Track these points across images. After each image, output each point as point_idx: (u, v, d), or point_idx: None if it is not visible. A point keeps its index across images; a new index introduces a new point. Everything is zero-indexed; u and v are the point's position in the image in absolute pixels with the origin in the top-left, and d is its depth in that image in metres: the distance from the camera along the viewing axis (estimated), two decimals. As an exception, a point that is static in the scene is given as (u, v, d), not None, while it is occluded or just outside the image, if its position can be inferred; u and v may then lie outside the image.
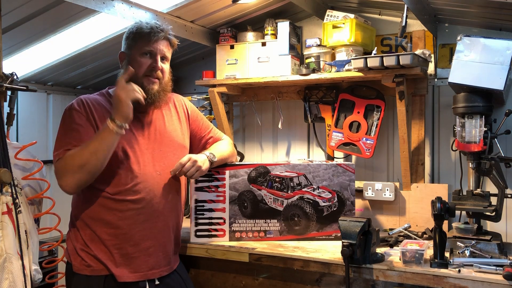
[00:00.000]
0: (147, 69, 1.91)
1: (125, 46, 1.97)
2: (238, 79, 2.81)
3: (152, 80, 1.93)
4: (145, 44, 1.91)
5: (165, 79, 1.98)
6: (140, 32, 1.92)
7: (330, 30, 2.61)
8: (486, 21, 2.45)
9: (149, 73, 1.92)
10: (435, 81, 2.64)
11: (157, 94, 1.94)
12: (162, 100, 1.98)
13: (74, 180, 1.78)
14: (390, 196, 2.54)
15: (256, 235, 2.28)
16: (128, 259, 1.87)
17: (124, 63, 1.95)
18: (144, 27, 1.93)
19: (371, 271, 1.90)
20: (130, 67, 1.87)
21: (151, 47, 1.91)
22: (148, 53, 1.91)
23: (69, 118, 1.87)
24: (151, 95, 1.92)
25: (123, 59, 1.97)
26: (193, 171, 1.96)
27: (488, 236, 2.06)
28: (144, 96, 1.87)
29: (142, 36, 1.91)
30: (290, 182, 2.29)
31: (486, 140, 2.06)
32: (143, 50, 1.91)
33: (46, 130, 3.17)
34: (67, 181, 1.78)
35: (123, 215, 1.87)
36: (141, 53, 1.91)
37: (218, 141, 2.24)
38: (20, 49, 2.59)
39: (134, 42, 1.93)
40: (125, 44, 1.97)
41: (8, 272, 1.70)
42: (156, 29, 1.92)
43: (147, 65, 1.91)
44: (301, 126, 3.03)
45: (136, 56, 1.92)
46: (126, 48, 1.96)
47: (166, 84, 1.99)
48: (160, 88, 1.95)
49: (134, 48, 1.93)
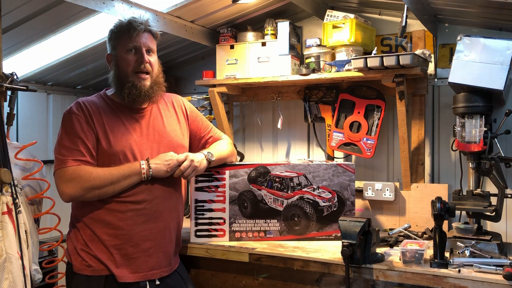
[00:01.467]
0: (134, 64, 1.92)
1: (109, 47, 2.00)
2: (238, 79, 2.81)
3: (142, 76, 1.93)
4: (128, 40, 1.92)
5: (155, 71, 1.98)
6: (120, 30, 1.94)
7: (330, 30, 2.61)
8: (486, 21, 2.45)
9: (138, 68, 1.92)
10: (435, 81, 2.64)
11: (151, 90, 1.96)
12: (157, 94, 1.99)
13: (78, 194, 1.81)
14: (390, 196, 2.54)
15: (256, 235, 2.28)
16: (128, 259, 1.87)
17: (112, 64, 1.97)
18: (123, 24, 1.94)
19: (371, 271, 1.90)
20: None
21: (134, 42, 1.92)
22: (132, 49, 1.92)
23: (69, 122, 1.88)
24: (144, 91, 1.93)
25: (110, 60, 1.98)
26: (189, 171, 1.96)
27: (488, 236, 2.05)
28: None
29: (123, 33, 1.93)
30: (290, 182, 2.29)
31: (486, 140, 2.06)
32: (127, 47, 1.92)
33: (46, 130, 3.17)
34: (70, 191, 1.80)
35: (124, 216, 1.87)
36: (125, 50, 1.92)
37: (217, 140, 2.24)
38: (20, 49, 2.59)
39: (117, 41, 1.94)
40: (109, 45, 1.99)
41: (8, 272, 1.70)
42: (135, 23, 1.92)
43: (134, 60, 1.92)
44: (301, 126, 3.03)
45: (121, 54, 1.93)
46: (111, 49, 1.98)
47: (157, 76, 1.99)
48: (152, 82, 1.96)
49: (118, 47, 1.94)
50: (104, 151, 1.86)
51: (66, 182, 1.80)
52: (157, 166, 1.88)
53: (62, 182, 1.81)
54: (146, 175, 1.86)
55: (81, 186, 1.79)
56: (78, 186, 1.79)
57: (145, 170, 1.86)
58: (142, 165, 1.86)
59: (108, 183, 1.81)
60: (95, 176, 1.80)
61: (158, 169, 1.88)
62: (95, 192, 1.81)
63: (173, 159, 1.91)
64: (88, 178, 1.79)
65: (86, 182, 1.79)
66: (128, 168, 1.85)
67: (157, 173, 1.88)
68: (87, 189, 1.80)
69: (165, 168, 1.89)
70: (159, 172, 1.89)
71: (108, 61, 2.00)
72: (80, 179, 1.79)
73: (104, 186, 1.81)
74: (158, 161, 1.90)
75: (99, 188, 1.81)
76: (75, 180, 1.79)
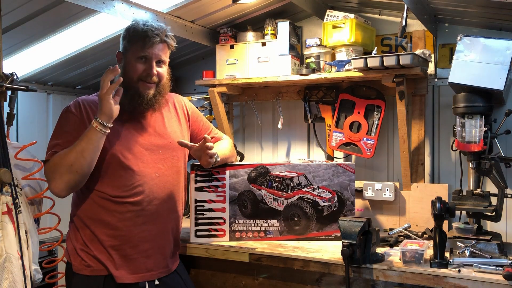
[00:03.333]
0: (142, 73, 1.89)
1: (122, 46, 1.94)
2: (238, 79, 2.81)
3: (147, 85, 1.90)
4: (140, 49, 1.87)
5: (162, 82, 1.95)
6: (136, 35, 1.88)
7: (330, 30, 2.61)
8: (486, 21, 2.45)
9: (144, 78, 1.90)
10: (435, 81, 2.64)
11: (153, 99, 1.93)
12: (159, 103, 1.97)
13: (63, 182, 1.77)
14: (390, 196, 2.54)
15: (256, 235, 2.28)
16: (127, 260, 1.87)
17: (121, 65, 1.92)
18: (139, 29, 1.87)
19: (371, 271, 1.90)
20: (117, 66, 1.80)
21: (146, 52, 1.87)
22: (143, 58, 1.88)
23: (64, 121, 1.88)
24: (147, 100, 1.90)
25: (120, 59, 1.95)
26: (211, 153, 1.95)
27: (488, 236, 2.06)
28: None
29: (137, 39, 1.87)
30: (290, 182, 2.29)
31: (486, 140, 2.06)
32: (138, 54, 1.88)
33: (46, 130, 3.17)
34: (56, 184, 1.77)
35: (123, 216, 1.86)
36: (136, 57, 1.88)
37: (219, 140, 2.24)
38: (20, 49, 2.59)
39: (129, 45, 1.90)
40: (122, 44, 1.94)
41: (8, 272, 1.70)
42: (152, 33, 1.86)
43: (142, 70, 1.89)
44: (301, 126, 3.03)
45: (131, 59, 1.89)
46: (123, 48, 1.94)
47: (163, 87, 1.96)
48: (156, 91, 1.93)
49: (130, 51, 1.90)
50: (102, 151, 1.85)
51: (50, 177, 1.78)
52: (102, 112, 1.77)
53: (48, 179, 1.80)
54: (99, 126, 1.76)
55: (60, 173, 1.76)
56: (58, 175, 1.76)
57: (97, 124, 1.77)
58: (92, 124, 1.77)
59: (75, 154, 1.75)
60: (63, 155, 1.77)
61: (103, 112, 1.77)
62: (72, 170, 1.75)
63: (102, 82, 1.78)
64: (60, 162, 1.76)
65: (58, 167, 1.76)
66: (84, 133, 1.78)
67: (104, 114, 1.77)
68: (63, 173, 1.75)
69: (105, 95, 1.76)
70: (106, 110, 1.77)
71: (118, 59, 1.95)
72: (56, 166, 1.77)
73: (74, 160, 1.75)
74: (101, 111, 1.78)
75: (71, 165, 1.75)
76: (54, 171, 1.77)
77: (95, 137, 1.77)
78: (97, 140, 1.78)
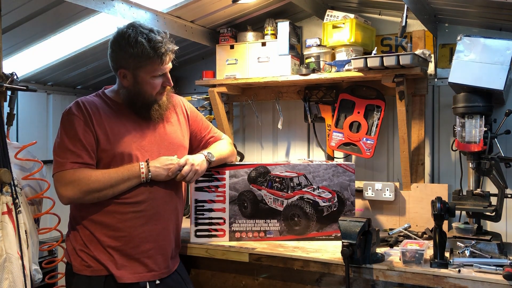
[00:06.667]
0: (160, 88, 1.92)
1: (124, 61, 1.85)
2: (238, 79, 2.81)
3: (163, 94, 1.96)
4: (157, 67, 1.85)
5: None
6: (146, 55, 1.81)
7: (330, 30, 2.61)
8: (486, 21, 2.45)
9: (162, 90, 1.94)
10: (435, 81, 2.64)
11: (166, 103, 1.98)
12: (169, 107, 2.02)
13: (77, 197, 1.80)
14: (390, 196, 2.54)
15: (256, 235, 2.28)
16: (127, 261, 1.87)
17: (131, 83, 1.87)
18: (148, 49, 1.80)
19: (371, 271, 1.90)
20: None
21: (163, 69, 1.88)
22: (161, 75, 1.90)
23: (68, 123, 1.85)
24: (163, 107, 1.96)
25: (124, 76, 1.88)
26: (191, 176, 1.95)
27: (488, 236, 2.05)
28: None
29: (149, 59, 1.83)
30: (290, 182, 2.29)
31: (486, 140, 2.06)
32: (154, 73, 1.87)
33: (46, 130, 3.17)
34: (69, 195, 1.79)
35: (123, 217, 1.86)
36: (152, 76, 1.87)
37: (218, 140, 2.24)
38: (20, 49, 2.59)
39: (139, 64, 1.83)
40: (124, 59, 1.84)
41: (8, 272, 1.70)
42: (165, 51, 1.83)
43: (160, 85, 1.91)
44: (301, 126, 3.03)
45: (146, 78, 1.87)
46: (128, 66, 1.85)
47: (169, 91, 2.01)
48: (166, 96, 1.98)
49: (142, 71, 1.85)
50: (104, 152, 1.85)
51: (65, 185, 1.79)
52: (156, 170, 1.88)
53: (61, 185, 1.80)
54: (145, 178, 1.85)
55: (80, 189, 1.78)
56: (77, 189, 1.78)
57: (145, 173, 1.85)
58: (141, 168, 1.85)
59: (107, 186, 1.80)
60: (94, 179, 1.79)
61: (158, 173, 1.88)
62: (94, 195, 1.80)
63: (174, 163, 1.91)
64: (87, 181, 1.78)
65: (85, 185, 1.78)
66: (128, 170, 1.84)
67: (156, 176, 1.88)
68: (86, 192, 1.79)
69: (165, 173, 1.89)
70: (159, 176, 1.88)
71: (121, 76, 1.88)
72: (79, 182, 1.78)
73: (103, 189, 1.80)
74: (158, 165, 1.88)
75: (98, 191, 1.80)
76: (74, 183, 1.78)
77: (134, 181, 1.85)
78: (133, 184, 1.85)
